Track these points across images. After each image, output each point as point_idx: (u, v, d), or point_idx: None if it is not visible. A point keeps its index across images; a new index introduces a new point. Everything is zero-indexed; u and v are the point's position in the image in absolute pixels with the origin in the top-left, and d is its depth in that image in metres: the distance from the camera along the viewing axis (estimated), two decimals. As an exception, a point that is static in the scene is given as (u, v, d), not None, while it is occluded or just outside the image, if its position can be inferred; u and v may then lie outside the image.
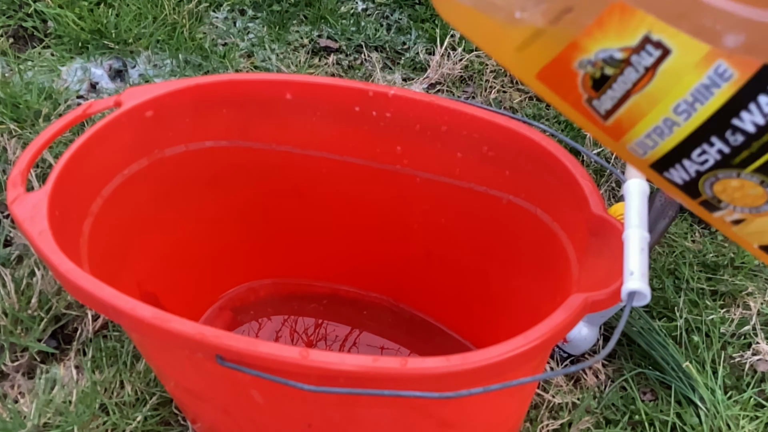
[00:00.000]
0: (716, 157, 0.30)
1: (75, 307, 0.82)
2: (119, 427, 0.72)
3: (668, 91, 0.30)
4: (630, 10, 0.29)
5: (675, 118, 0.30)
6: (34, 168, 0.94)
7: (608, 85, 0.31)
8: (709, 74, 0.28)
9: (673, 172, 0.32)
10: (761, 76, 0.27)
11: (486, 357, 0.43)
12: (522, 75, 0.34)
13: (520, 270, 0.68)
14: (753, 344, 0.84)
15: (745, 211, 0.31)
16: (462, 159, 0.67)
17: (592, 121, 0.33)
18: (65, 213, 0.56)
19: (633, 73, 0.30)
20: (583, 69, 0.32)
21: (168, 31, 1.21)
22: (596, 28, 0.30)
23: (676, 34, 0.28)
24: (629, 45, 0.30)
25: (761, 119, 0.28)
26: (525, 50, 0.33)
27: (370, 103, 0.67)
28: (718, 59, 0.28)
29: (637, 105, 0.31)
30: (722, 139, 0.29)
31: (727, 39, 0.27)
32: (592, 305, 0.46)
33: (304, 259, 0.82)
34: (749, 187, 0.30)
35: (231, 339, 0.44)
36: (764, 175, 0.30)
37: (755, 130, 0.29)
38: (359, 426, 0.55)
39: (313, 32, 1.29)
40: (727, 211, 0.32)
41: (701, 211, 0.33)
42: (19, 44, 1.18)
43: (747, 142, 0.29)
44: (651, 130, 0.31)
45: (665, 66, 0.29)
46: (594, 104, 0.33)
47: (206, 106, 0.67)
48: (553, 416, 0.76)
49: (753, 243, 0.33)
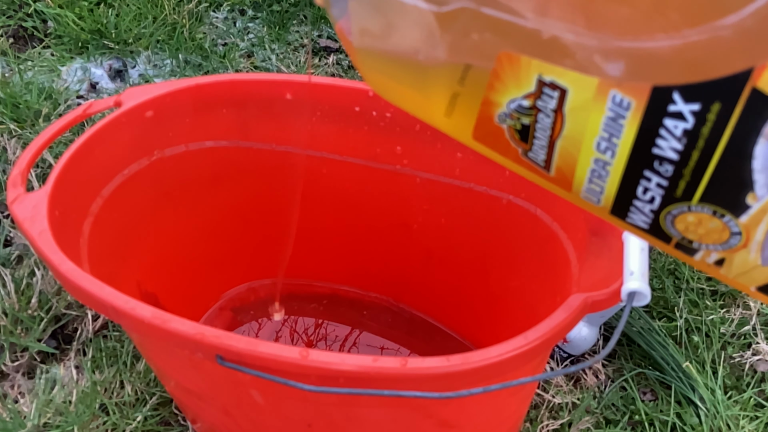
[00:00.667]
0: (659, 192, 0.29)
1: (75, 307, 0.82)
2: (119, 427, 0.72)
3: (583, 131, 0.29)
4: (516, 57, 0.29)
5: (603, 157, 0.29)
6: (34, 168, 0.94)
7: (532, 135, 0.31)
8: (609, 106, 0.27)
9: (633, 217, 0.31)
10: (657, 99, 0.26)
11: (486, 357, 0.43)
12: (462, 139, 0.34)
13: (520, 270, 0.68)
14: (753, 344, 0.84)
15: (718, 248, 0.29)
16: (462, 159, 0.67)
17: (538, 174, 0.33)
18: (65, 213, 0.56)
19: (546, 119, 0.30)
20: (504, 123, 0.31)
21: (168, 31, 1.21)
22: (496, 81, 0.30)
23: (564, 73, 0.28)
24: (529, 91, 0.29)
25: (678, 144, 0.27)
26: (452, 115, 0.32)
27: (370, 103, 0.67)
28: (611, 89, 0.27)
29: (565, 150, 0.30)
30: (654, 171, 0.28)
31: (608, 68, 0.26)
32: (592, 305, 0.46)
33: (304, 259, 0.82)
34: (707, 220, 0.28)
35: (231, 339, 0.44)
36: (713, 205, 0.28)
37: (678, 156, 0.27)
38: (359, 426, 0.55)
39: (313, 32, 1.29)
40: (704, 252, 0.30)
41: (682, 256, 0.32)
42: (19, 44, 1.18)
43: (678, 171, 0.27)
44: (590, 175, 0.30)
45: (569, 105, 0.29)
46: (531, 156, 0.32)
47: (206, 106, 0.67)
48: (553, 416, 0.76)
49: (749, 286, 0.31)
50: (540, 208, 0.63)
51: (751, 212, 0.27)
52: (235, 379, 0.50)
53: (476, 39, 0.29)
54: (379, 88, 0.35)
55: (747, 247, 0.28)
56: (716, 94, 0.25)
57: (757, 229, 0.28)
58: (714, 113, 0.25)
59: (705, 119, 0.26)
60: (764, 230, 0.27)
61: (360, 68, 0.34)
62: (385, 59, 0.32)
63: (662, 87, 0.26)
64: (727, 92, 0.25)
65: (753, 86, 0.24)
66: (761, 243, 0.28)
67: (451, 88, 0.31)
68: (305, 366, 0.43)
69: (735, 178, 0.26)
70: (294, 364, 0.43)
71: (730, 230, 0.28)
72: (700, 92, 0.25)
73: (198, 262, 0.75)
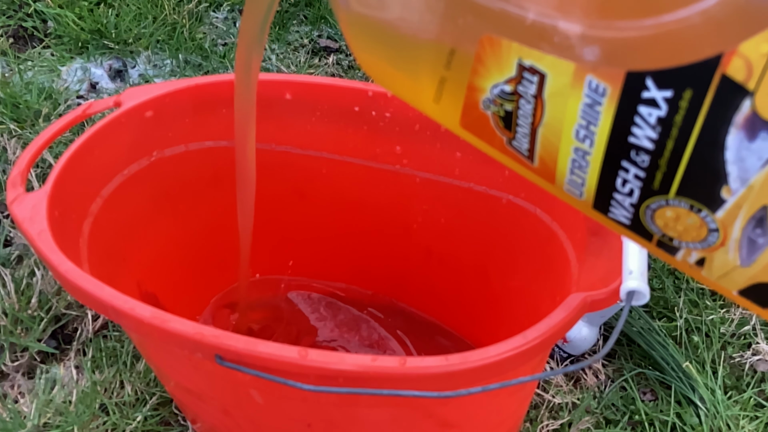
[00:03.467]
0: (638, 184, 0.29)
1: (75, 307, 0.82)
2: (119, 427, 0.72)
3: (562, 118, 0.29)
4: (496, 40, 0.29)
5: (582, 146, 0.29)
6: (34, 168, 0.94)
7: (515, 122, 0.31)
8: (586, 92, 0.28)
9: (615, 211, 0.31)
10: (631, 85, 0.26)
11: (485, 356, 0.43)
12: (450, 126, 0.34)
13: (519, 269, 0.68)
14: (753, 344, 0.84)
15: (697, 246, 0.29)
16: (462, 159, 0.67)
17: (522, 164, 0.33)
18: (65, 213, 0.56)
19: (527, 105, 0.30)
20: (489, 109, 0.31)
21: (168, 31, 1.21)
22: (479, 65, 0.30)
23: (542, 57, 0.28)
24: (510, 76, 0.29)
25: (652, 132, 0.27)
26: (440, 101, 0.33)
27: (369, 103, 0.67)
28: (587, 74, 0.27)
29: (546, 138, 0.30)
30: (631, 162, 0.28)
31: (585, 53, 0.26)
32: (591, 304, 0.46)
33: (303, 258, 0.82)
34: (684, 215, 0.28)
35: (230, 339, 0.44)
36: (689, 198, 0.28)
37: (653, 146, 0.27)
38: (359, 426, 0.55)
39: (313, 32, 1.29)
40: (685, 251, 0.30)
41: (664, 256, 0.31)
42: (19, 44, 1.18)
43: (654, 161, 0.27)
44: (571, 165, 0.30)
45: (547, 91, 0.29)
46: (515, 145, 0.32)
47: (206, 106, 0.67)
48: (553, 416, 0.76)
49: (731, 289, 0.30)
50: (540, 208, 0.63)
51: (726, 207, 0.27)
52: (234, 379, 0.50)
53: (460, 22, 0.29)
54: (372, 71, 0.35)
55: (725, 246, 0.28)
56: (687, 80, 0.25)
57: (734, 226, 0.27)
58: (686, 100, 0.26)
59: (678, 106, 0.26)
60: (740, 227, 0.27)
61: (353, 49, 0.34)
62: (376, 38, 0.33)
63: (636, 73, 0.26)
64: (698, 78, 0.25)
65: (723, 73, 0.24)
66: (738, 241, 0.28)
67: (438, 72, 0.32)
68: (304, 366, 0.43)
69: (709, 169, 0.26)
70: (293, 364, 0.43)
71: (708, 226, 0.28)
72: (672, 78, 0.25)
73: (198, 262, 0.75)
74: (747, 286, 0.29)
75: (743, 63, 0.24)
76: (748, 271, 0.28)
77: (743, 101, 0.24)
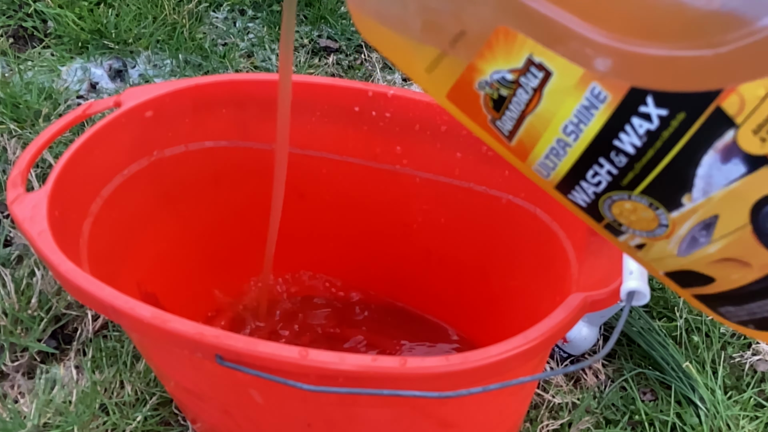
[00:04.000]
0: (607, 178, 0.31)
1: (75, 307, 0.82)
2: (119, 427, 0.72)
3: (555, 112, 0.31)
4: (512, 33, 0.31)
5: (566, 139, 0.32)
6: (34, 168, 0.94)
7: (506, 106, 0.33)
8: (586, 96, 0.30)
9: (576, 195, 0.33)
10: (631, 99, 0.29)
11: (485, 356, 0.43)
12: (435, 95, 0.36)
13: (519, 269, 0.68)
14: (753, 344, 0.84)
15: (643, 235, 0.32)
16: (462, 159, 0.67)
17: (499, 141, 0.35)
18: (65, 213, 0.56)
19: (524, 95, 0.32)
20: (483, 90, 0.33)
21: (168, 31, 1.21)
22: (487, 51, 0.32)
23: (554, 57, 0.30)
24: (516, 67, 0.32)
25: (638, 141, 0.29)
26: (433, 72, 0.35)
27: (369, 103, 0.67)
28: (593, 81, 0.29)
29: (532, 126, 0.33)
30: (608, 160, 0.31)
31: (596, 63, 0.29)
32: (591, 304, 0.46)
33: (303, 258, 0.82)
34: (641, 209, 0.31)
35: (230, 339, 0.44)
36: (652, 198, 0.31)
37: (634, 151, 0.30)
38: (359, 426, 0.55)
39: (313, 32, 1.29)
40: (629, 236, 0.33)
41: (608, 236, 0.34)
42: (19, 44, 1.18)
43: (630, 164, 0.30)
44: (548, 151, 0.33)
45: (549, 87, 0.31)
46: (498, 125, 0.34)
47: (206, 106, 0.67)
48: (553, 416, 0.76)
49: (659, 270, 0.34)
50: (540, 208, 0.63)
51: (682, 210, 0.30)
52: (234, 379, 0.50)
53: (481, 8, 0.31)
54: (363, 26, 0.36)
55: (669, 239, 0.31)
56: (685, 104, 0.28)
57: (683, 226, 0.31)
58: (678, 120, 0.28)
59: (668, 124, 0.28)
60: (689, 227, 0.31)
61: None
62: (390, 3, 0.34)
63: (639, 89, 0.29)
64: (695, 105, 0.28)
65: (718, 105, 0.27)
66: (682, 237, 0.31)
67: (441, 47, 0.33)
68: (305, 365, 0.43)
69: (679, 179, 0.29)
70: (293, 364, 0.43)
71: (660, 221, 0.31)
72: (672, 100, 0.28)
73: (198, 262, 0.75)
74: (674, 270, 0.33)
75: (738, 100, 0.27)
76: (681, 261, 0.32)
77: (728, 131, 0.27)
